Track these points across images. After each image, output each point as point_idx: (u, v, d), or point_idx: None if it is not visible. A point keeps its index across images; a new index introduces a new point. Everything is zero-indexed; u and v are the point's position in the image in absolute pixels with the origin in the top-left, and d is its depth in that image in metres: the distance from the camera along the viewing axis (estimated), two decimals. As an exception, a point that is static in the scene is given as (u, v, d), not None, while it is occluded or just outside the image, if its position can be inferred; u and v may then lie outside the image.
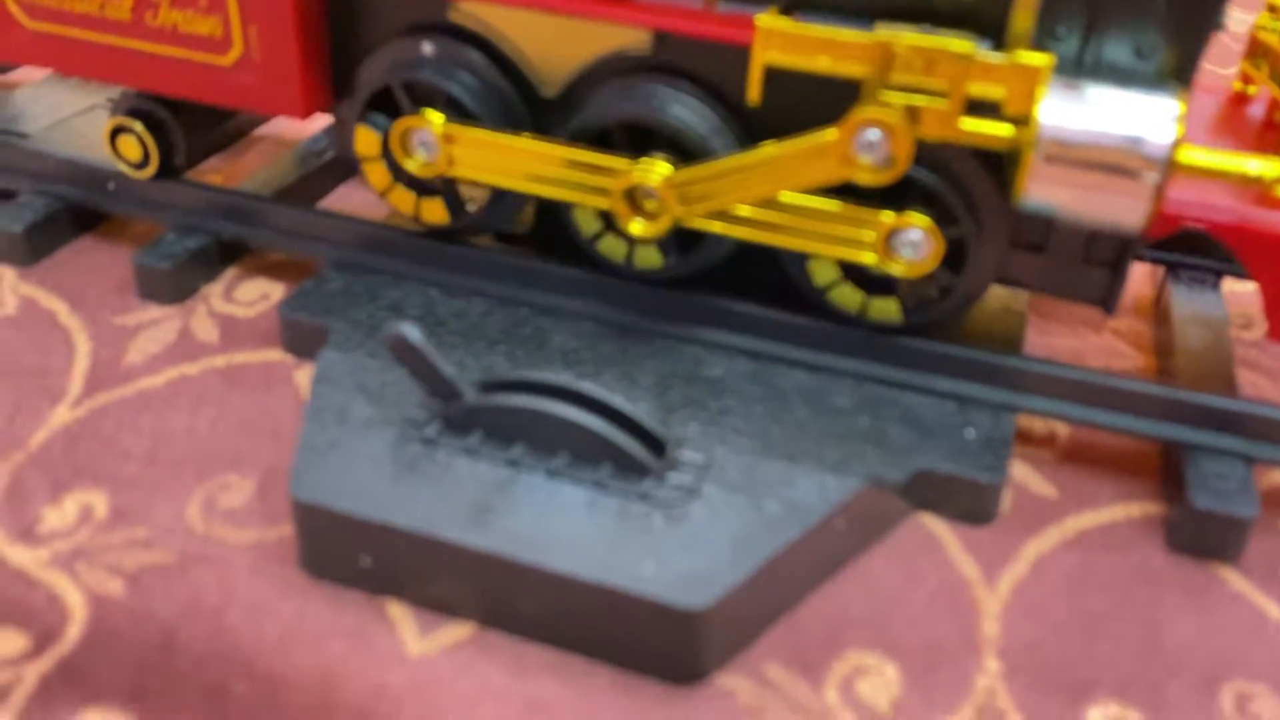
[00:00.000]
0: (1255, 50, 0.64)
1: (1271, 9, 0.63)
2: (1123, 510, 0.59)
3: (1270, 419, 0.57)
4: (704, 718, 0.47)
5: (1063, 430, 0.64)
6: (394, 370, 0.58)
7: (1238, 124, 0.64)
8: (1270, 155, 0.55)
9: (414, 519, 0.48)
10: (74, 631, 0.48)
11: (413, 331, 0.51)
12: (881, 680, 0.49)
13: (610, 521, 0.49)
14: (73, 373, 0.63)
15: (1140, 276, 0.77)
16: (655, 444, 0.53)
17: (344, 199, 0.82)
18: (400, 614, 0.50)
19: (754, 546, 0.48)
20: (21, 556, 0.51)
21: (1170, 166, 0.50)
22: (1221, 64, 1.09)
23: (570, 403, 0.52)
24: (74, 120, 0.83)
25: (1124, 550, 0.57)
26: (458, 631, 0.49)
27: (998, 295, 0.69)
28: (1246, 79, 0.65)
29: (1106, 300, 0.60)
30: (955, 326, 0.65)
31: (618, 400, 0.52)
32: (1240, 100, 0.66)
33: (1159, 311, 0.74)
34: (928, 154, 0.55)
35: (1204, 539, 0.56)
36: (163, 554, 0.52)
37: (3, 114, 0.84)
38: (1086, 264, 0.59)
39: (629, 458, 0.51)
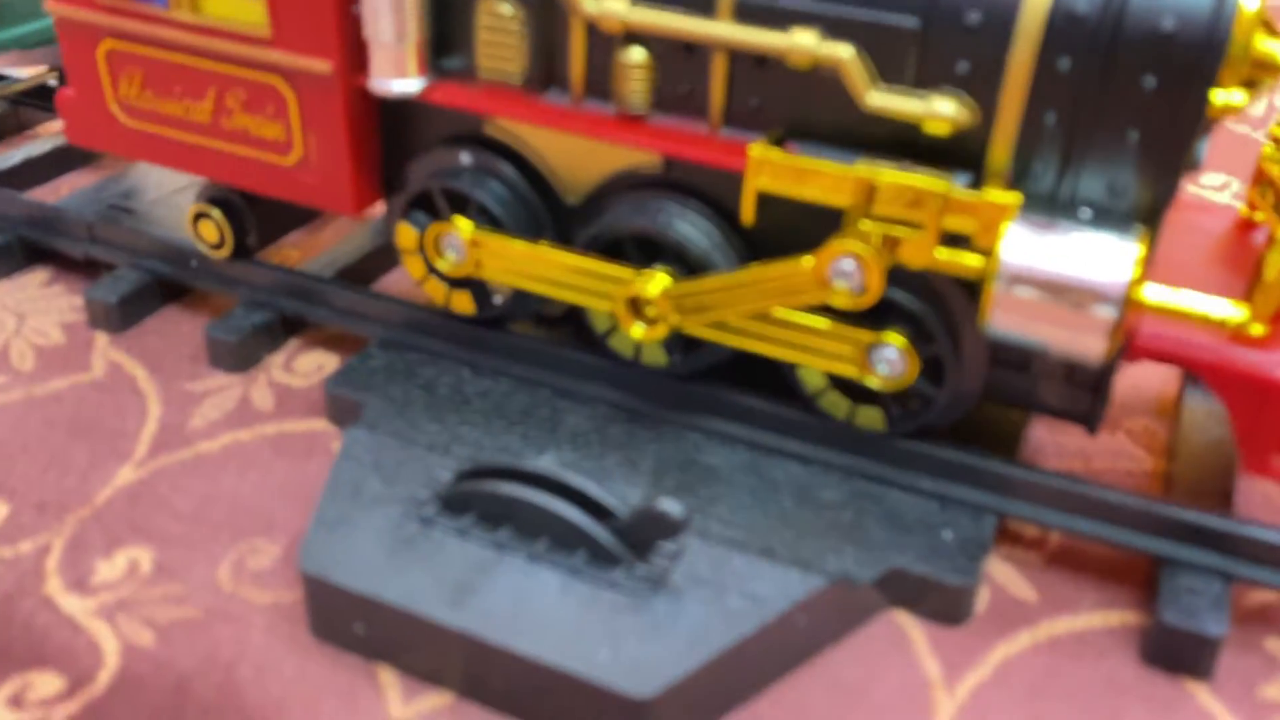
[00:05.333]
0: (1260, 179, 0.65)
1: (1276, 140, 0.64)
2: (1101, 618, 0.61)
3: (1250, 538, 0.58)
4: (652, 797, 0.50)
5: (1054, 534, 0.66)
6: (410, 449, 0.64)
7: (1240, 250, 0.65)
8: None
9: (400, 595, 0.54)
10: (104, 677, 0.54)
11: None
12: (827, 773, 0.52)
13: (577, 607, 0.53)
14: (142, 435, 0.71)
15: (1165, 375, 0.78)
16: (640, 526, 0.57)
17: (405, 275, 0.88)
18: (389, 679, 0.55)
19: (708, 638, 0.52)
20: (73, 605, 0.58)
21: (1126, 306, 0.52)
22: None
23: (555, 492, 0.56)
24: (174, 196, 0.93)
25: (1095, 659, 0.58)
26: (438, 700, 0.54)
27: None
28: (1253, 205, 0.66)
29: (1089, 419, 0.62)
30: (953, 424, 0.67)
31: (597, 490, 0.56)
32: (1247, 226, 0.67)
33: (1177, 412, 0.75)
34: (910, 276, 0.59)
35: (1174, 654, 0.57)
36: (192, 610, 0.58)
37: (118, 188, 0.94)
38: (1069, 384, 0.61)
39: (602, 547, 0.55)
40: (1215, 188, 1.08)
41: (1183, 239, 0.66)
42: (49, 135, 1.06)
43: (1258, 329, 0.55)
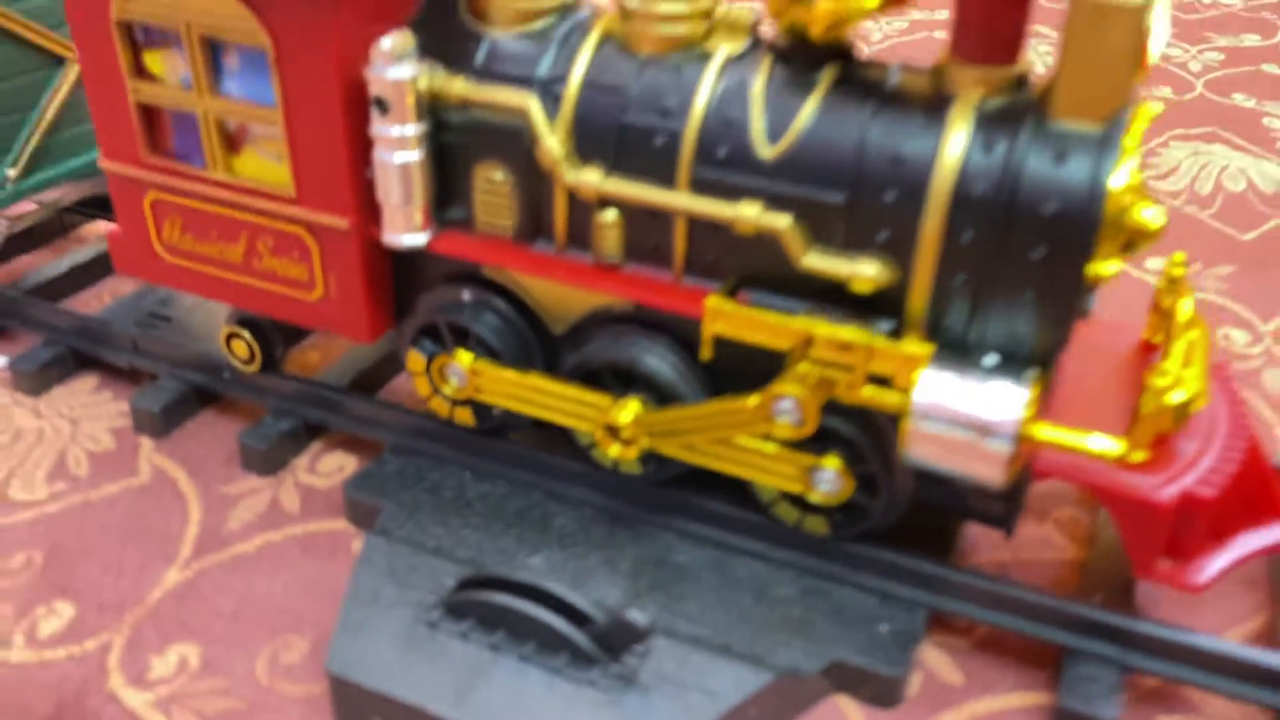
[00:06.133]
0: (1156, 308, 0.75)
1: (1170, 280, 0.73)
2: (1018, 699, 0.70)
3: (1141, 632, 0.68)
4: None
5: (980, 621, 0.75)
6: (419, 555, 0.74)
7: (1139, 372, 0.74)
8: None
9: (410, 693, 0.63)
10: (164, 766, 0.65)
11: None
12: (774, 843, 0.61)
13: (562, 704, 0.63)
14: (185, 537, 0.81)
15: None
16: (613, 634, 0.66)
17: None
18: (403, 764, 0.65)
19: (668, 730, 0.62)
20: (134, 699, 0.68)
21: (1019, 441, 0.61)
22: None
23: (542, 600, 0.66)
24: (207, 303, 1.03)
25: (1009, 737, 0.68)
26: (444, 781, 0.64)
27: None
28: (1153, 329, 0.76)
29: (1005, 524, 0.71)
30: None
31: (577, 599, 0.66)
32: (1149, 348, 0.76)
33: (1097, 504, 0.84)
34: (845, 406, 0.68)
35: (1075, 734, 0.67)
36: (236, 702, 0.68)
37: (156, 295, 1.05)
38: (985, 495, 0.70)
39: (581, 650, 0.65)
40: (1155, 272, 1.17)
41: (1092, 360, 0.75)
42: (94, 240, 1.17)
43: (1138, 456, 0.64)
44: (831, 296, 0.67)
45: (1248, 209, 1.28)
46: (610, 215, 0.71)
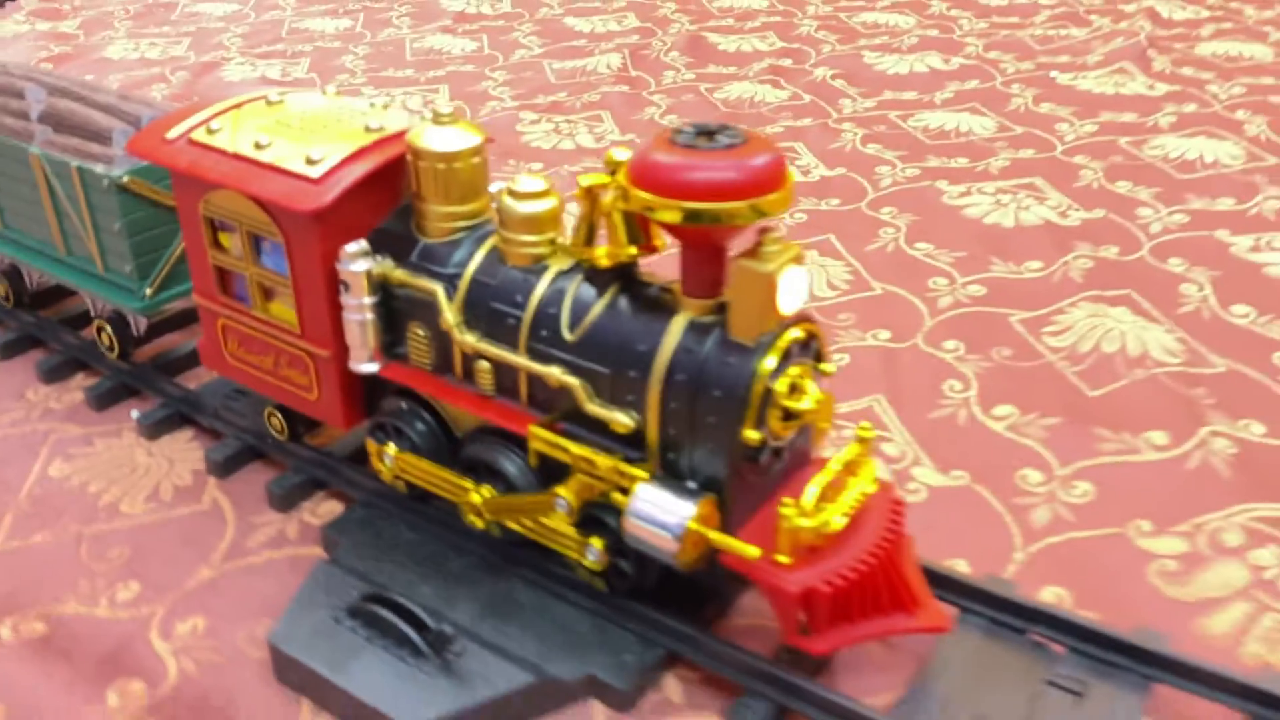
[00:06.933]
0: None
1: (859, 438, 1.04)
2: (705, 718, 1.02)
3: (793, 683, 0.99)
4: (417, 782, 0.96)
5: (716, 664, 1.07)
6: (348, 578, 1.13)
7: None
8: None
9: (311, 660, 1.02)
10: (166, 686, 1.05)
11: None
12: (515, 782, 0.96)
13: (400, 680, 1.00)
14: (219, 548, 1.23)
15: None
16: (437, 638, 1.03)
17: (401, 450, 1.37)
18: (307, 706, 1.03)
19: (460, 700, 0.98)
20: (161, 646, 1.09)
21: (685, 537, 0.95)
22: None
23: (400, 613, 1.04)
24: (273, 385, 1.46)
25: (698, 741, 1.00)
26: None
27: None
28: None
29: (717, 591, 1.04)
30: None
31: (420, 613, 1.03)
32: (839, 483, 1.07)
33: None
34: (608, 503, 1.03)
35: (735, 743, 0.99)
36: (220, 657, 1.08)
37: (243, 374, 1.48)
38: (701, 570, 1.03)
39: (418, 647, 1.01)
40: (1002, 415, 1.44)
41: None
42: (213, 328, 1.62)
43: (782, 559, 0.96)
44: (609, 432, 1.03)
45: (1109, 369, 1.52)
46: (485, 364, 1.09)
